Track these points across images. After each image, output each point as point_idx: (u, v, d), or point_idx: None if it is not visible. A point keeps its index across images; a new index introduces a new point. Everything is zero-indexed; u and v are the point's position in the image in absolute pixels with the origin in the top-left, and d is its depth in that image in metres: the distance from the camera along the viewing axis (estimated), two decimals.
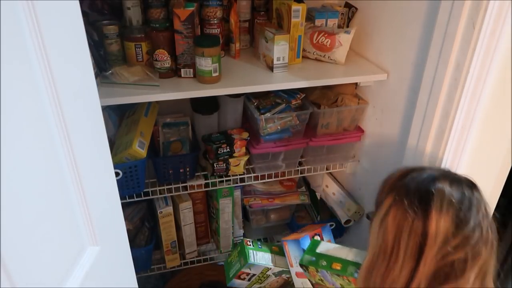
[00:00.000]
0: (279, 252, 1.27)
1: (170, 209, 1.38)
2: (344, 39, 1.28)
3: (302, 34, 1.26)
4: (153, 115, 1.29)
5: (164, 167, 1.27)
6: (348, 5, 1.43)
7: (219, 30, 1.24)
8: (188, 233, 1.46)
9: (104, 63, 1.15)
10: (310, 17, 1.37)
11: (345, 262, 0.97)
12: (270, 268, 1.18)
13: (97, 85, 0.70)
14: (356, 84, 1.38)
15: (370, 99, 1.36)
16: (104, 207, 0.76)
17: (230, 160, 1.31)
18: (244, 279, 1.18)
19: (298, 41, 1.27)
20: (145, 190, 1.28)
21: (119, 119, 1.30)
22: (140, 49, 1.15)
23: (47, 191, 0.58)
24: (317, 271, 1.00)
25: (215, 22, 1.23)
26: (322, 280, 1.01)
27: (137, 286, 0.96)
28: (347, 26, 1.44)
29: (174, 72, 1.17)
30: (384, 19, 1.25)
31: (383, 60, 1.28)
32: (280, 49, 1.18)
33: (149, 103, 1.29)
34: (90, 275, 0.69)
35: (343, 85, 1.35)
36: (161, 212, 1.37)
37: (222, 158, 1.30)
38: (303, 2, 1.24)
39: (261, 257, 1.21)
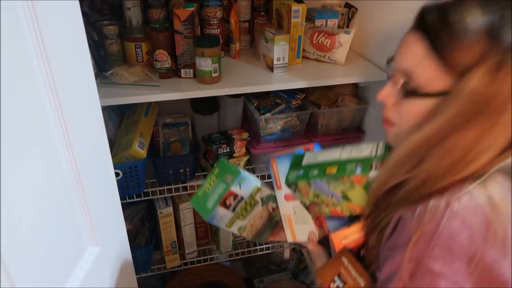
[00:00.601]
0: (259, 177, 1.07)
1: (170, 209, 1.38)
2: (344, 39, 1.28)
3: (302, 34, 1.26)
4: (153, 115, 1.29)
5: (164, 167, 1.27)
6: (348, 6, 1.43)
7: (219, 31, 1.24)
8: (188, 233, 1.46)
9: (104, 63, 1.15)
10: (310, 17, 1.37)
11: (341, 163, 0.79)
12: (260, 189, 0.94)
13: (97, 85, 0.70)
14: (356, 84, 1.38)
15: (370, 99, 1.36)
16: (104, 207, 0.76)
17: (230, 160, 1.31)
18: (229, 206, 0.90)
19: (298, 41, 1.27)
20: (145, 190, 1.28)
21: (119, 119, 1.30)
22: (140, 49, 1.15)
23: (47, 191, 0.58)
24: (309, 184, 0.82)
25: (215, 22, 1.23)
26: (317, 196, 0.82)
27: (137, 286, 0.96)
28: (347, 27, 1.44)
29: (174, 72, 1.17)
30: (384, 19, 1.25)
31: (383, 60, 1.28)
32: (280, 49, 1.18)
33: (149, 103, 1.29)
34: (90, 275, 0.69)
35: (343, 85, 1.35)
36: (161, 212, 1.37)
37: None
38: (303, 2, 1.24)
39: (248, 175, 0.97)
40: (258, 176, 1.39)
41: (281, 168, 0.94)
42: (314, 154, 0.87)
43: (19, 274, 0.52)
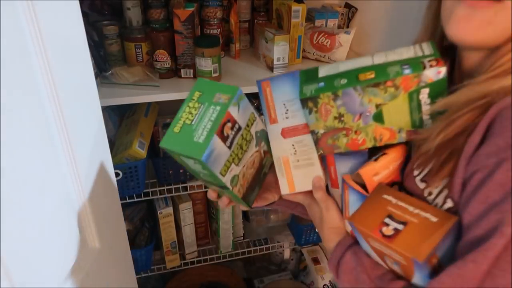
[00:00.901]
0: None
1: (170, 209, 1.38)
2: (344, 39, 1.28)
3: (302, 34, 1.27)
4: (153, 115, 1.29)
5: (164, 167, 1.27)
6: (348, 6, 1.43)
7: (219, 31, 1.24)
8: (188, 233, 1.46)
9: (104, 63, 1.15)
10: (310, 17, 1.37)
11: (379, 66, 0.59)
12: (255, 119, 0.69)
13: (97, 85, 0.70)
14: None
15: None
16: (104, 208, 0.76)
17: None
18: (227, 138, 0.63)
19: (298, 41, 1.27)
20: (145, 190, 1.28)
21: (119, 120, 1.30)
22: (140, 49, 1.15)
23: (47, 191, 0.58)
24: (335, 98, 0.60)
25: (215, 22, 1.23)
26: (340, 117, 0.62)
27: (137, 286, 0.96)
28: (347, 27, 1.44)
29: (174, 72, 1.18)
30: (384, 19, 1.25)
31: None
32: (280, 49, 1.18)
33: (149, 103, 1.29)
34: (90, 275, 0.70)
35: None
36: (161, 212, 1.37)
37: None
38: (303, 3, 1.24)
39: None
40: None
41: (277, 95, 0.69)
42: (334, 65, 0.65)
43: (19, 274, 0.52)
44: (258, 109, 1.31)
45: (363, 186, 0.61)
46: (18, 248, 0.52)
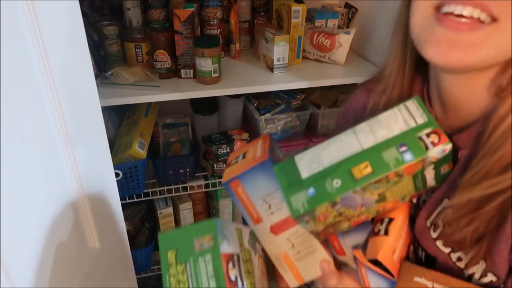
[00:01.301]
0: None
1: (170, 210, 1.38)
2: (344, 39, 1.28)
3: (302, 34, 1.27)
4: (153, 115, 1.29)
5: (164, 168, 1.27)
6: (348, 6, 1.43)
7: (219, 31, 1.24)
8: None
9: (104, 63, 1.15)
10: (310, 17, 1.37)
11: (371, 154, 0.50)
12: (241, 231, 0.60)
13: (97, 85, 0.70)
14: (356, 85, 1.38)
15: None
16: (104, 208, 0.76)
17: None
18: (236, 279, 0.52)
19: (298, 41, 1.27)
20: (145, 190, 1.28)
21: (119, 120, 1.30)
22: (140, 49, 1.15)
23: (48, 192, 0.58)
24: (333, 205, 0.53)
25: (215, 22, 1.23)
26: (341, 214, 0.54)
27: (137, 286, 0.96)
28: (347, 27, 1.45)
29: (174, 72, 1.18)
30: (384, 20, 1.25)
31: (383, 61, 1.28)
32: (280, 49, 1.18)
33: (149, 103, 1.29)
34: (90, 275, 0.70)
35: (343, 86, 1.35)
36: (161, 212, 1.37)
37: (222, 158, 1.30)
38: (303, 3, 1.24)
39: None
40: None
41: (253, 191, 0.60)
42: (314, 153, 0.55)
43: (19, 274, 0.52)
44: (258, 109, 1.31)
45: (378, 262, 0.55)
46: (18, 248, 0.52)
